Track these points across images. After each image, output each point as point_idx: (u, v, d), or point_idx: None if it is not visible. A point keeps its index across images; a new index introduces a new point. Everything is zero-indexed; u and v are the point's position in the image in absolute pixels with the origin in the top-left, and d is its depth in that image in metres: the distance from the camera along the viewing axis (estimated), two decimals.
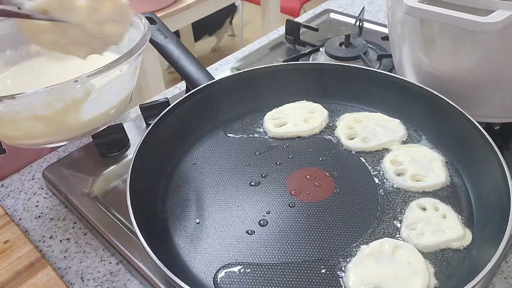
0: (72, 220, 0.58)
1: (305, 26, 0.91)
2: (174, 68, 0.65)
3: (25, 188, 0.63)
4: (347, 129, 0.60)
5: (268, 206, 0.51)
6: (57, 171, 0.63)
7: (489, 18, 0.45)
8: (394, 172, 0.54)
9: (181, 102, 0.59)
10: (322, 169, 0.56)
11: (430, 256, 0.45)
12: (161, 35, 0.66)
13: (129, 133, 0.67)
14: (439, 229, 0.46)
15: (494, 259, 0.38)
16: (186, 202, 0.53)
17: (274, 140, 0.61)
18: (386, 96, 0.63)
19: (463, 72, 0.55)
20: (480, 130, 0.51)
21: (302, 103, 0.65)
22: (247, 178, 0.55)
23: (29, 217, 0.59)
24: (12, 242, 0.54)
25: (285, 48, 0.91)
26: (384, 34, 0.87)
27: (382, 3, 1.07)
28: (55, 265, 0.52)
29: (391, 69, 0.77)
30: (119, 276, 0.51)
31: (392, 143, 0.58)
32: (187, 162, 0.59)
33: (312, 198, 0.52)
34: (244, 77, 0.64)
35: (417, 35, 0.57)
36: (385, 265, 0.43)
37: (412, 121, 0.61)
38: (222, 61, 0.90)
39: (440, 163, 0.54)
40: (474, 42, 0.51)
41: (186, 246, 0.48)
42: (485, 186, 0.49)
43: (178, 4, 1.53)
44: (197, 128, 0.62)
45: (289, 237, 0.48)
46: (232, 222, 0.50)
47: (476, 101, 0.57)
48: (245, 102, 0.65)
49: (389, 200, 0.51)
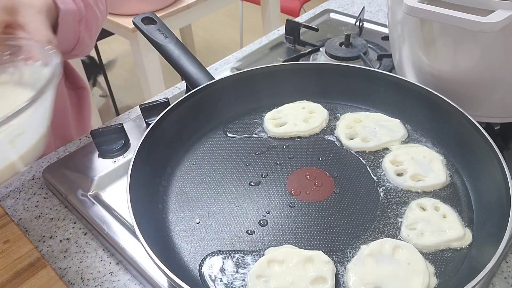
0: (72, 220, 0.58)
1: (305, 26, 0.91)
2: (174, 68, 0.65)
3: (25, 188, 0.63)
4: (347, 129, 0.60)
5: (268, 206, 0.51)
6: (57, 171, 0.63)
7: (489, 18, 0.45)
8: (394, 172, 0.54)
9: (181, 102, 0.59)
10: (322, 169, 0.56)
11: (430, 256, 0.45)
12: (161, 35, 0.66)
13: (129, 133, 0.67)
14: (439, 229, 0.46)
15: (494, 259, 0.38)
16: (186, 202, 0.53)
17: (274, 140, 0.61)
18: (386, 96, 0.63)
19: (463, 72, 0.55)
20: (480, 130, 0.51)
21: (302, 103, 0.65)
22: (247, 178, 0.55)
23: (29, 217, 0.59)
24: (12, 242, 0.54)
25: (285, 48, 0.91)
26: (384, 34, 0.87)
27: (382, 3, 1.07)
28: (55, 265, 0.52)
29: (391, 69, 0.77)
30: (119, 276, 0.51)
31: (392, 143, 0.58)
32: (187, 162, 0.58)
33: (312, 198, 0.52)
34: (244, 77, 0.64)
35: (417, 35, 0.57)
36: (385, 265, 0.43)
37: (412, 121, 0.61)
38: (222, 61, 0.90)
39: (440, 163, 0.54)
40: (474, 42, 0.51)
41: (186, 246, 0.48)
42: (485, 186, 0.49)
43: (178, 4, 1.53)
44: (197, 128, 0.62)
45: (289, 237, 0.48)
46: (232, 222, 0.50)
47: (476, 101, 0.57)
48: (245, 102, 0.65)
49: (389, 200, 0.51)
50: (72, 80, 0.84)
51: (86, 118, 0.88)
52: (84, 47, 0.68)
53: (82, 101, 0.86)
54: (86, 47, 0.70)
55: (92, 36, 0.70)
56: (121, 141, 0.66)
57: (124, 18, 1.48)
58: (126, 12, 1.48)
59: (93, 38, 0.71)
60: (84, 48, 0.69)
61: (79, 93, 0.85)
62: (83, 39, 0.66)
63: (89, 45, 0.71)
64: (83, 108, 0.87)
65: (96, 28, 0.70)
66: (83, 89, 0.86)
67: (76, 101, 0.85)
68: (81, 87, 0.86)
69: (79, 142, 0.70)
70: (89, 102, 0.89)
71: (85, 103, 0.87)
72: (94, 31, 0.70)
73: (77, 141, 0.71)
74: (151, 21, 0.68)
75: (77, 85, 0.85)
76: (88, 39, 0.68)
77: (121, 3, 1.46)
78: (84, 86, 0.87)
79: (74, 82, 0.85)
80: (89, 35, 0.68)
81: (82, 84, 0.86)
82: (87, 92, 0.87)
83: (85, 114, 0.88)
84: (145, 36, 0.67)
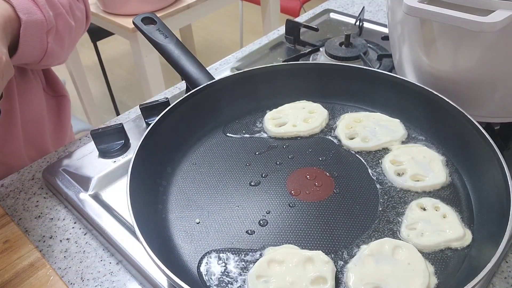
0: (72, 220, 0.58)
1: (305, 26, 0.91)
2: (174, 68, 0.65)
3: (25, 188, 0.63)
4: (347, 129, 0.60)
5: (268, 206, 0.51)
6: (57, 171, 0.63)
7: (489, 18, 0.45)
8: (394, 172, 0.54)
9: (181, 102, 0.59)
10: (322, 169, 0.56)
11: (430, 256, 0.45)
12: (161, 35, 0.66)
13: (129, 133, 0.67)
14: (439, 229, 0.46)
15: (494, 259, 0.38)
16: (186, 202, 0.53)
17: (274, 140, 0.61)
18: (386, 96, 0.63)
19: (463, 72, 0.55)
20: (480, 130, 0.51)
21: (302, 103, 0.65)
22: (247, 178, 0.55)
23: (29, 217, 0.59)
24: (12, 242, 0.54)
25: (285, 48, 0.91)
26: (384, 34, 0.87)
27: (382, 3, 1.07)
28: (55, 265, 0.52)
29: (391, 69, 0.77)
30: (119, 276, 0.51)
31: (392, 143, 0.58)
32: (187, 162, 0.59)
33: (312, 198, 0.52)
34: (244, 77, 0.64)
35: (417, 35, 0.57)
36: (385, 265, 0.43)
37: (412, 121, 0.61)
38: (222, 61, 0.90)
39: (440, 163, 0.54)
40: (474, 42, 0.51)
41: (186, 246, 0.48)
42: (485, 186, 0.49)
43: (178, 4, 1.53)
44: (197, 128, 0.62)
45: (289, 237, 0.48)
46: (232, 222, 0.50)
47: (476, 101, 0.57)
48: (245, 102, 0.65)
49: (389, 200, 0.51)
50: (52, 87, 0.82)
51: (64, 127, 0.86)
52: (54, 58, 0.65)
53: (62, 109, 0.84)
54: (57, 58, 0.67)
55: (64, 47, 0.66)
56: (121, 141, 0.66)
57: (124, 18, 1.48)
58: (126, 12, 1.48)
59: (66, 48, 0.68)
60: (54, 59, 0.66)
61: (59, 100, 0.83)
62: (52, 50, 0.63)
63: (61, 56, 0.67)
64: (62, 117, 0.84)
65: (69, 38, 0.67)
66: (63, 97, 0.84)
67: (55, 109, 0.82)
68: (62, 95, 0.84)
69: (79, 142, 0.70)
70: (69, 111, 0.86)
71: (65, 111, 0.84)
72: (67, 41, 0.67)
73: (77, 141, 0.71)
74: (151, 21, 0.68)
75: (58, 93, 0.83)
76: (60, 49, 0.65)
77: (121, 3, 1.46)
78: (64, 94, 0.84)
79: (54, 89, 0.82)
80: (61, 46, 0.65)
81: (63, 92, 0.84)
82: (67, 101, 0.85)
83: (63, 124, 0.85)
84: (145, 36, 0.67)
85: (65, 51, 0.68)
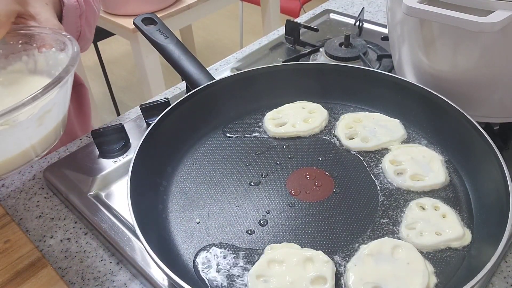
0: (72, 220, 0.58)
1: (305, 27, 0.91)
2: (174, 68, 0.65)
3: (25, 188, 0.63)
4: (346, 129, 0.61)
5: (268, 206, 0.52)
6: (57, 171, 0.63)
7: (488, 18, 0.45)
8: (393, 172, 0.54)
9: (181, 102, 0.60)
10: (322, 169, 0.56)
11: (430, 255, 0.45)
12: (161, 36, 0.66)
13: (129, 133, 0.67)
14: (439, 228, 0.47)
15: (494, 259, 0.38)
16: (186, 202, 0.53)
17: (274, 140, 0.61)
18: (386, 96, 0.63)
19: (463, 72, 0.55)
20: (479, 130, 0.51)
21: (302, 103, 0.65)
22: (247, 178, 0.55)
23: (30, 217, 0.59)
24: (13, 242, 0.54)
25: (285, 48, 0.91)
26: (384, 34, 0.87)
27: (382, 3, 1.07)
28: (55, 265, 0.52)
29: (391, 69, 0.77)
30: (119, 276, 0.51)
31: (392, 143, 0.58)
32: (187, 162, 0.59)
33: (312, 198, 0.52)
34: (244, 77, 0.65)
35: (417, 35, 0.57)
36: (384, 264, 0.43)
37: (412, 121, 0.61)
38: (222, 61, 0.90)
39: (439, 163, 0.54)
40: (474, 42, 0.51)
41: (186, 246, 0.48)
42: (485, 186, 0.49)
43: (178, 4, 1.53)
44: (198, 128, 0.62)
45: (289, 237, 0.48)
46: (232, 222, 0.50)
47: (476, 101, 0.57)
48: (245, 102, 0.65)
49: (389, 199, 0.51)
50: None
51: (87, 115, 0.89)
52: (85, 41, 0.70)
53: (81, 98, 0.87)
54: (87, 42, 0.71)
55: (91, 31, 0.71)
56: (122, 141, 0.66)
57: (124, 18, 1.48)
58: (126, 13, 1.48)
59: (92, 33, 0.72)
60: (85, 43, 0.71)
61: (78, 90, 0.86)
62: (85, 33, 0.68)
63: (90, 40, 0.72)
64: (82, 105, 0.87)
65: (94, 23, 0.72)
66: (82, 86, 0.87)
67: (76, 98, 0.85)
68: (80, 84, 0.86)
69: (79, 142, 0.71)
70: (88, 99, 0.89)
71: (85, 99, 0.88)
72: (93, 26, 0.72)
73: (77, 141, 0.71)
74: (151, 21, 0.68)
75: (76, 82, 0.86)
76: (89, 33, 0.70)
77: (121, 3, 1.46)
78: (82, 83, 0.87)
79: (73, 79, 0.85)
80: (89, 30, 0.70)
81: (81, 81, 0.86)
82: (85, 89, 0.88)
83: (85, 111, 0.88)
84: (145, 36, 0.67)
85: (92, 35, 0.72)
